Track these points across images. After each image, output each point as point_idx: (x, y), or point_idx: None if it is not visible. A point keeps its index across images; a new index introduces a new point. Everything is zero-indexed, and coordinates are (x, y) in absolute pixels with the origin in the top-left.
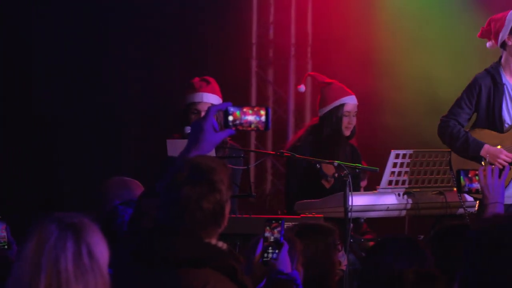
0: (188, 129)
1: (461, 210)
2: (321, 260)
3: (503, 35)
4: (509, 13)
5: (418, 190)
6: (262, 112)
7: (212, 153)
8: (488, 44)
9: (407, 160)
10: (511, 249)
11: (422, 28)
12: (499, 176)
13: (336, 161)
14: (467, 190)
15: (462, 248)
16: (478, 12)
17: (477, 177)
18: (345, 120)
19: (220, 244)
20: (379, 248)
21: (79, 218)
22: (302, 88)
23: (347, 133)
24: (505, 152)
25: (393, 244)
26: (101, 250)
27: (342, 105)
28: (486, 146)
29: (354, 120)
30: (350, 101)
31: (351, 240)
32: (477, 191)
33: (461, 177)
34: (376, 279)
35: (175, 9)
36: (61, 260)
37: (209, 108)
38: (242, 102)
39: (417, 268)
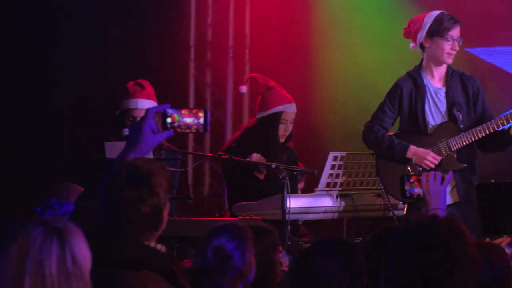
0: (126, 131)
1: (400, 213)
2: (261, 261)
3: (420, 36)
4: (427, 16)
5: (356, 192)
6: (201, 114)
7: (150, 155)
8: (411, 45)
9: (345, 162)
10: (436, 250)
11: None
12: (442, 182)
13: (274, 163)
14: (408, 195)
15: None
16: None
17: (419, 183)
18: (281, 127)
19: (159, 246)
20: (310, 252)
21: (64, 222)
22: (243, 89)
23: (282, 140)
24: (432, 153)
25: (325, 248)
26: (84, 255)
27: (281, 112)
28: (412, 148)
29: (290, 127)
30: (289, 109)
31: (289, 242)
32: (418, 197)
33: (405, 182)
34: (307, 283)
35: (114, 10)
36: (46, 264)
37: (147, 110)
38: (180, 104)
39: (348, 272)
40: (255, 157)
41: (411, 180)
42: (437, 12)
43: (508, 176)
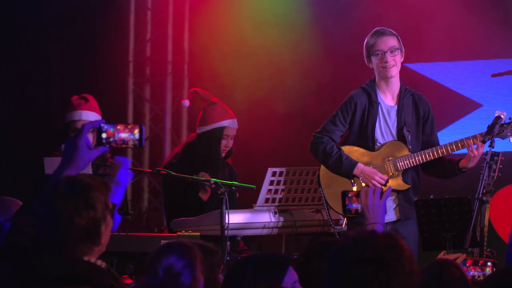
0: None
1: (340, 228)
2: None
3: (365, 59)
4: (368, 36)
5: (295, 208)
6: (136, 130)
7: (88, 170)
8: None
9: (284, 177)
10: (372, 264)
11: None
12: (380, 197)
13: (213, 179)
14: (347, 210)
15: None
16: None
17: (357, 198)
18: (223, 143)
19: (99, 262)
20: (238, 268)
21: None
22: (186, 103)
23: (222, 154)
24: (379, 174)
25: (254, 264)
26: None
27: (223, 128)
28: (360, 166)
29: (231, 143)
30: (231, 125)
31: (228, 258)
32: (357, 212)
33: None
34: None
35: (54, 26)
36: None
37: (82, 126)
38: (119, 119)
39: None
40: (203, 176)
41: (350, 195)
42: (373, 31)
43: (447, 192)
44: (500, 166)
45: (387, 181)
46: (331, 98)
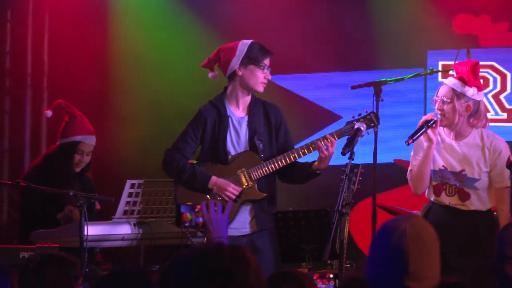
0: None
1: (199, 240)
2: None
3: (233, 65)
4: (240, 43)
5: (153, 220)
6: None
7: None
8: (210, 74)
9: (143, 189)
10: (218, 276)
11: (150, 55)
12: (223, 211)
13: (72, 191)
14: (194, 224)
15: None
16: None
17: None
18: (76, 157)
19: None
20: (106, 282)
21: None
22: (49, 113)
23: (77, 169)
24: (232, 185)
25: (121, 278)
26: None
27: (77, 142)
28: (214, 178)
29: (87, 159)
30: (87, 141)
31: (86, 270)
32: (203, 226)
33: (183, 212)
34: None
35: None
36: None
37: None
38: None
39: None
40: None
41: (196, 210)
42: (248, 41)
43: (306, 204)
44: (360, 178)
45: (241, 192)
46: (190, 109)
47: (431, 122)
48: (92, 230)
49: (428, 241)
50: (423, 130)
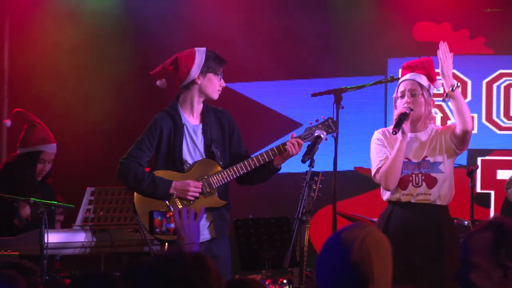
0: None
1: (158, 247)
2: None
3: (194, 74)
4: (197, 51)
5: (113, 227)
6: None
7: None
8: (159, 82)
9: (103, 197)
10: (179, 284)
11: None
12: (195, 218)
13: (32, 198)
14: (165, 230)
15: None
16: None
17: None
18: (39, 166)
19: None
20: (76, 286)
21: None
22: (8, 123)
23: (38, 178)
24: (192, 183)
25: (91, 282)
26: None
27: (40, 152)
28: (173, 183)
29: (48, 167)
30: (48, 150)
31: (47, 277)
32: (175, 232)
33: (155, 218)
34: None
35: None
36: None
37: None
38: None
39: None
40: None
41: (168, 216)
42: (203, 49)
43: (266, 212)
44: (320, 186)
45: (201, 200)
46: (149, 114)
47: (405, 115)
48: (53, 237)
49: (386, 246)
50: (404, 120)
